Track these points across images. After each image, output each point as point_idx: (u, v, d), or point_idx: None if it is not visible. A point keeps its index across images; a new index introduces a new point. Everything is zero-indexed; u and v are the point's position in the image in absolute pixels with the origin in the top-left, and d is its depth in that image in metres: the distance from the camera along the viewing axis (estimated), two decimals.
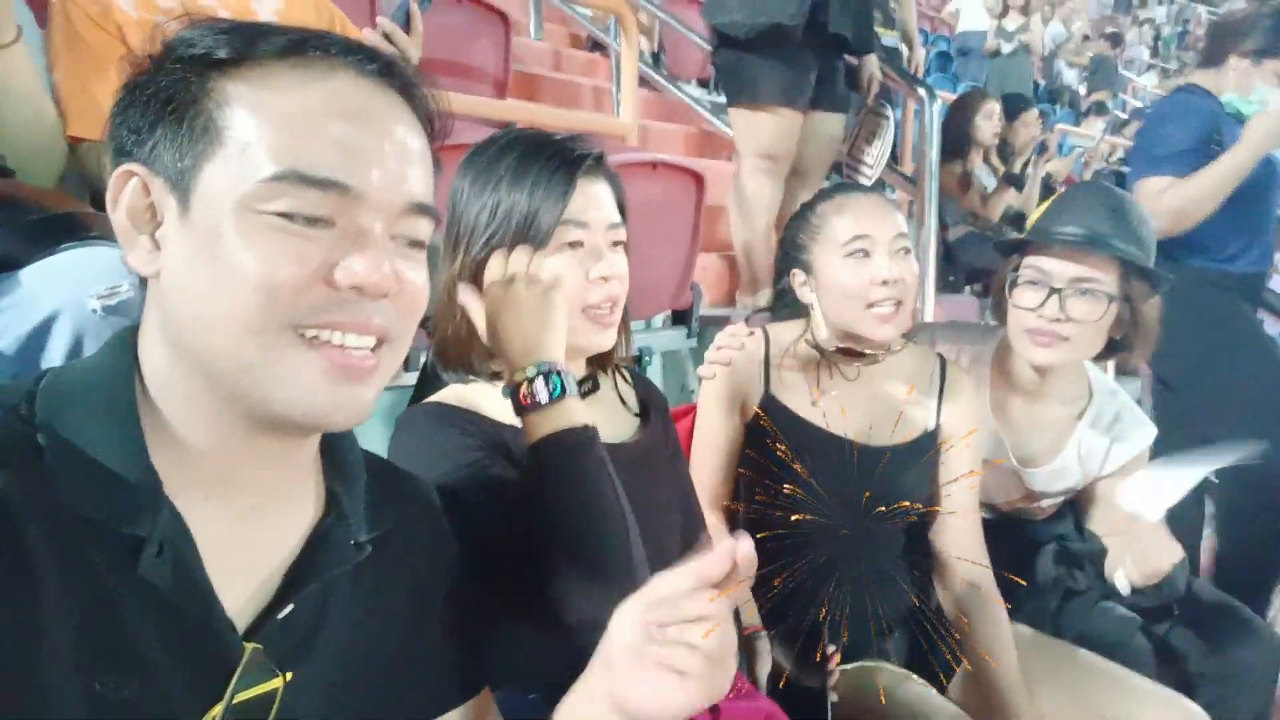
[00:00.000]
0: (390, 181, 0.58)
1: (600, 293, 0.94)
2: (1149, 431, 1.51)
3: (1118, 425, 1.50)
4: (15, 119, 1.10)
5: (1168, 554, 1.25)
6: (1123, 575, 1.30)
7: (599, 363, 1.06)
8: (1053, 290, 1.36)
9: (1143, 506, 1.19)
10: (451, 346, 0.97)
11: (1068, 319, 1.35)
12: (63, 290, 0.92)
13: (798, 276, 1.35)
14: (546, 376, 0.85)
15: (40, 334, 0.92)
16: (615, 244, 0.96)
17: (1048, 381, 1.47)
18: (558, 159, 0.92)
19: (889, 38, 3.79)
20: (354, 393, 0.57)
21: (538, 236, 0.91)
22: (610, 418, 1.05)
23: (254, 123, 0.55)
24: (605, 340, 0.98)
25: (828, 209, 1.31)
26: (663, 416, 1.13)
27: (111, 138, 0.59)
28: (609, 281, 0.94)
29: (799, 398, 1.34)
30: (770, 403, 1.34)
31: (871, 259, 1.26)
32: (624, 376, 1.11)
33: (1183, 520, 1.71)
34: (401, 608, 0.69)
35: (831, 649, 1.12)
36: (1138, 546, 1.26)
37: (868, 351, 1.32)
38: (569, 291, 0.92)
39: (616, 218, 0.96)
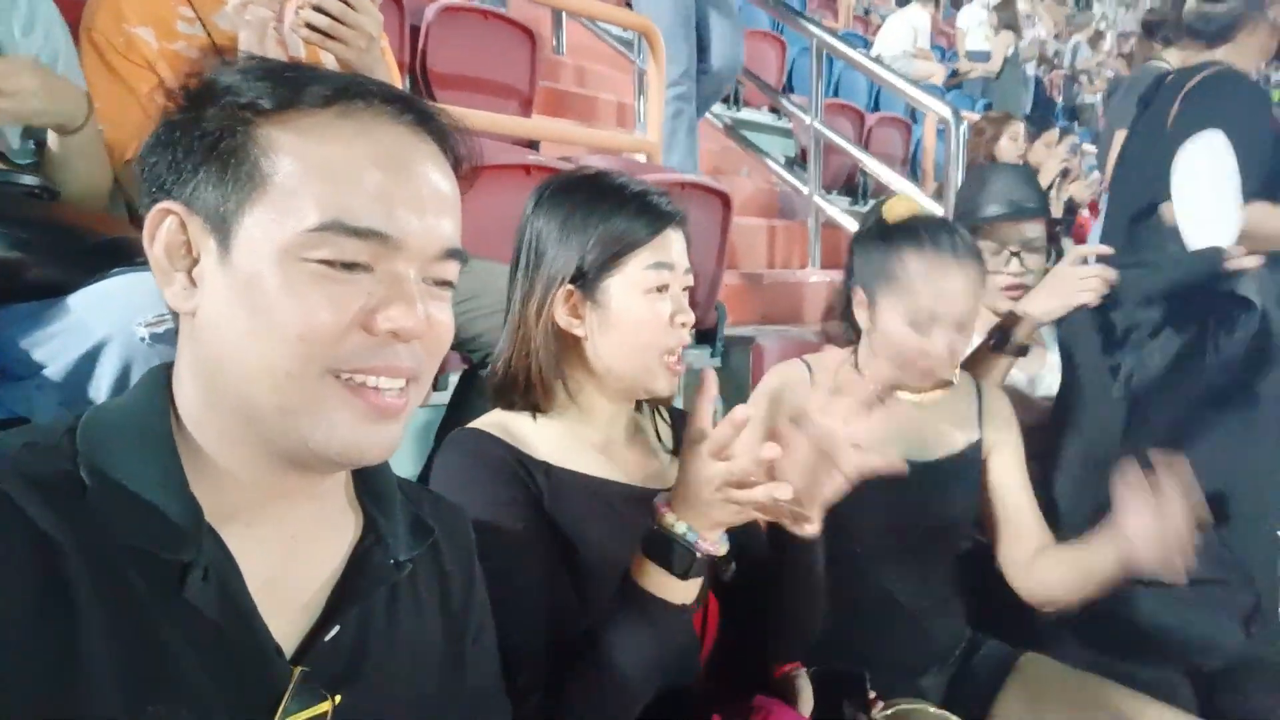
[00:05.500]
0: (426, 228, 0.59)
1: (678, 337, 0.96)
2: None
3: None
4: (76, 182, 1.13)
5: None
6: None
7: (642, 403, 1.06)
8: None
9: None
10: (521, 379, 0.97)
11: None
12: (111, 318, 0.93)
13: (859, 296, 1.32)
14: (689, 547, 0.82)
15: (89, 361, 0.93)
16: (684, 289, 1.00)
17: None
18: (651, 208, 0.96)
19: None
20: (386, 430, 0.59)
21: (622, 268, 0.94)
22: (645, 460, 1.05)
23: (298, 172, 0.56)
24: (674, 386, 0.99)
25: (916, 263, 1.25)
26: None
27: (147, 173, 0.59)
28: (685, 327, 0.97)
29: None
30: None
31: (933, 331, 1.25)
32: (663, 416, 1.10)
33: None
34: (436, 635, 0.70)
35: (874, 694, 1.10)
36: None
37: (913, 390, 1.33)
38: (653, 337, 0.95)
39: (688, 265, 1.00)
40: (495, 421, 0.98)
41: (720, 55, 3.09)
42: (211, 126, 0.57)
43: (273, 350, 0.55)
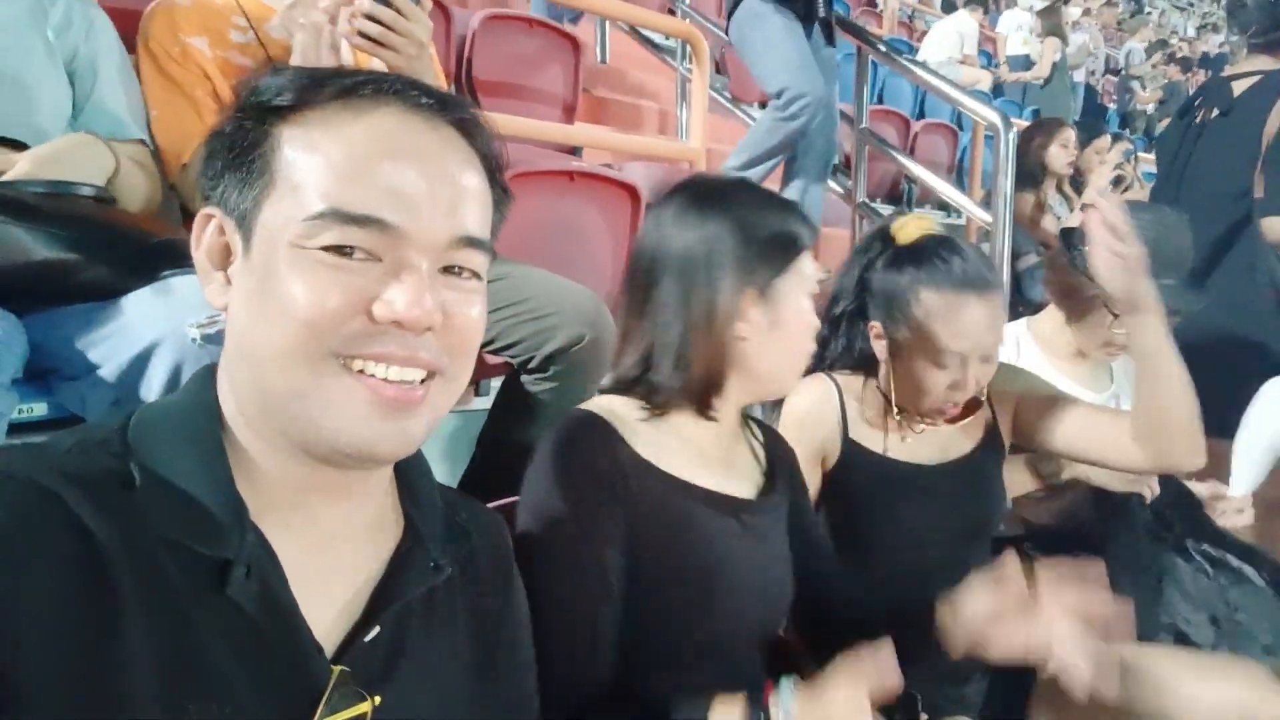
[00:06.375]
0: (435, 216, 0.58)
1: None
2: None
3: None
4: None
5: None
6: None
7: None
8: None
9: None
10: (697, 384, 0.94)
11: None
12: (163, 319, 0.94)
13: (876, 330, 1.28)
14: None
15: (141, 362, 0.94)
16: None
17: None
18: (793, 226, 0.96)
19: None
20: (399, 425, 0.58)
21: (794, 270, 0.95)
22: (740, 471, 1.02)
23: (302, 163, 0.57)
24: None
25: (934, 302, 1.20)
26: (788, 473, 1.09)
27: (199, 184, 0.62)
28: None
29: (876, 440, 1.33)
30: (851, 447, 1.31)
31: (964, 366, 1.22)
32: (752, 430, 1.08)
33: None
34: (470, 641, 0.69)
35: (924, 717, 1.08)
36: None
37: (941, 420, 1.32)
38: (810, 337, 0.97)
39: None
40: (614, 411, 0.95)
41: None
42: (237, 131, 0.59)
43: (279, 334, 0.55)
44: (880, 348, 1.28)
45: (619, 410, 0.95)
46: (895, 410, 1.31)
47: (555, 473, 0.90)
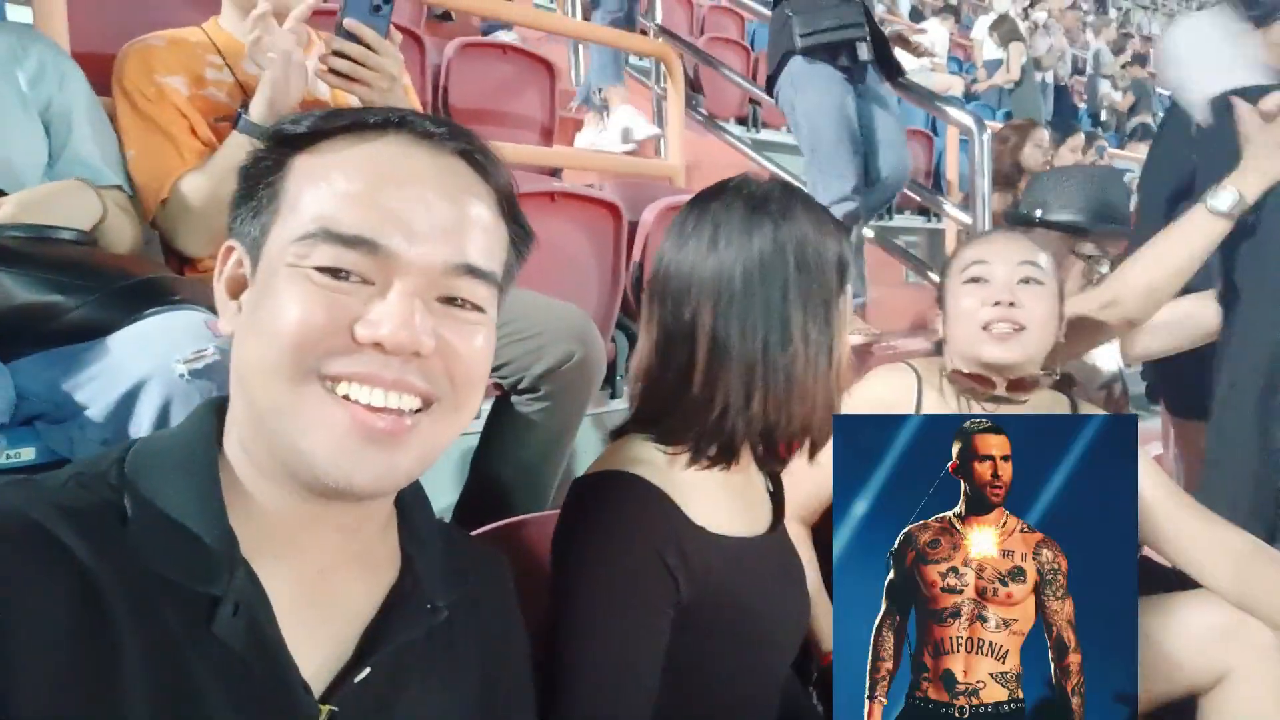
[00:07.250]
0: (432, 242, 0.57)
1: None
2: None
3: None
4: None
5: None
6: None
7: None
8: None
9: None
10: (786, 428, 0.84)
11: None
12: (150, 357, 0.93)
13: (937, 311, 1.38)
14: None
15: (128, 401, 0.93)
16: None
17: None
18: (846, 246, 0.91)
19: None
20: (383, 456, 0.56)
21: None
22: (757, 501, 0.96)
23: (305, 187, 0.58)
24: None
25: (961, 247, 1.37)
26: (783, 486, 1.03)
27: (229, 224, 0.63)
28: None
29: None
30: None
31: (989, 284, 1.28)
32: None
33: None
34: (472, 687, 0.67)
35: None
36: None
37: (997, 381, 1.28)
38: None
39: None
40: (655, 465, 0.84)
41: (889, 163, 2.72)
42: (254, 163, 0.60)
43: (266, 350, 0.55)
44: (940, 325, 1.35)
45: (658, 463, 0.85)
46: (950, 369, 1.31)
47: (606, 550, 0.81)
